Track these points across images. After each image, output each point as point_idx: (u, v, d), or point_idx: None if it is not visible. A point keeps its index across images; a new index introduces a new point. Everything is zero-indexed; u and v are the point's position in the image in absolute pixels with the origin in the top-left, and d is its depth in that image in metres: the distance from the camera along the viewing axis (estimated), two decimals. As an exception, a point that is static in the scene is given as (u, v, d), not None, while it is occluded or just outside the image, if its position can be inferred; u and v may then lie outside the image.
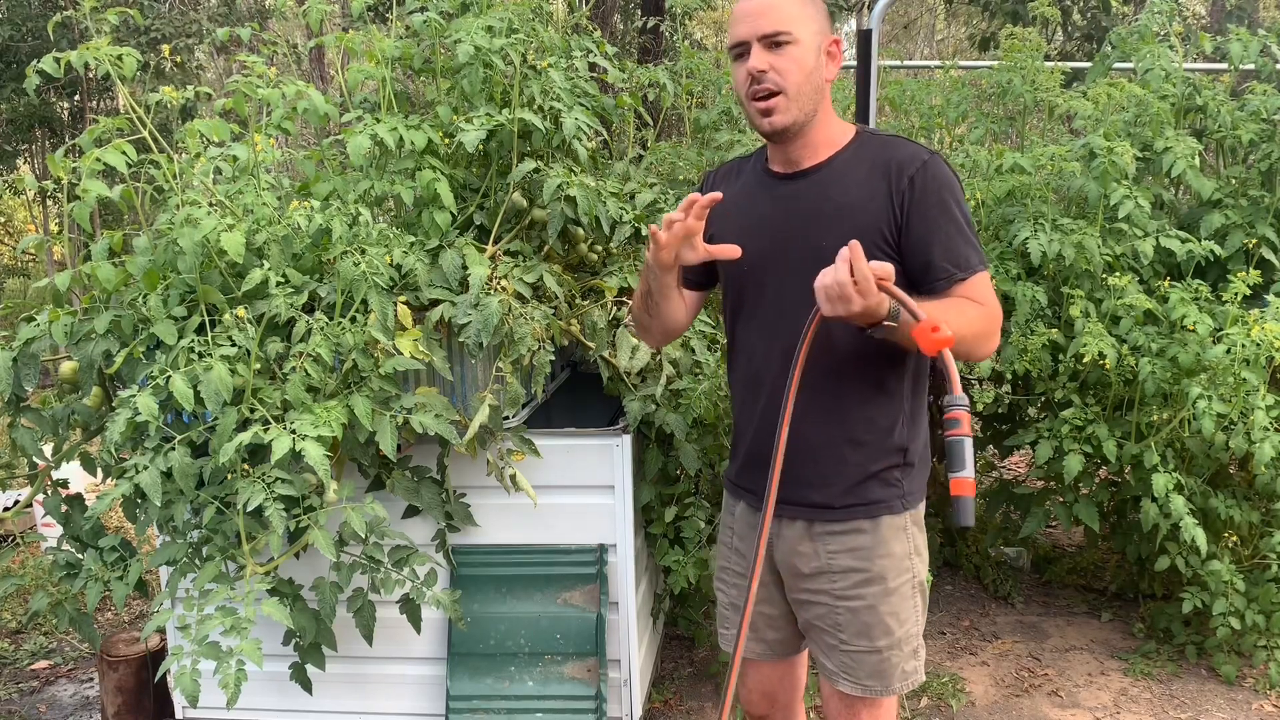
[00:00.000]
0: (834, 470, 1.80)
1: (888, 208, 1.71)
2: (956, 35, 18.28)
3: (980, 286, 1.71)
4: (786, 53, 1.70)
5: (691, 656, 3.45)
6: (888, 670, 1.82)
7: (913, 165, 1.71)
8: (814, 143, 1.79)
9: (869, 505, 1.80)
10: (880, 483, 1.80)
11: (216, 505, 2.32)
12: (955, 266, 1.70)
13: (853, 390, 1.78)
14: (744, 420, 1.93)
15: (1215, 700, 3.19)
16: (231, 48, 9.20)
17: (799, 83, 1.71)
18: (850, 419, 1.78)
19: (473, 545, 2.74)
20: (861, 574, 1.81)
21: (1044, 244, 3.18)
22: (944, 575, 4.11)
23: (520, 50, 2.67)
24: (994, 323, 1.71)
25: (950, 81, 4.37)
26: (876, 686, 1.83)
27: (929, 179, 1.70)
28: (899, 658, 1.83)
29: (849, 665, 1.84)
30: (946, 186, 1.72)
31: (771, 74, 1.70)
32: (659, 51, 8.82)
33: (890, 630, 1.81)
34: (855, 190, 1.74)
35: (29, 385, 2.49)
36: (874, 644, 1.81)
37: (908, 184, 1.70)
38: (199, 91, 2.62)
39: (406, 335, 2.44)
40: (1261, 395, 2.96)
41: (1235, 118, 3.50)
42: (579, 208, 2.63)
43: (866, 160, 1.76)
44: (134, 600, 3.96)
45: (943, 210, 1.70)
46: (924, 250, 1.71)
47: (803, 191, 1.79)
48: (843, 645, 1.84)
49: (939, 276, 1.70)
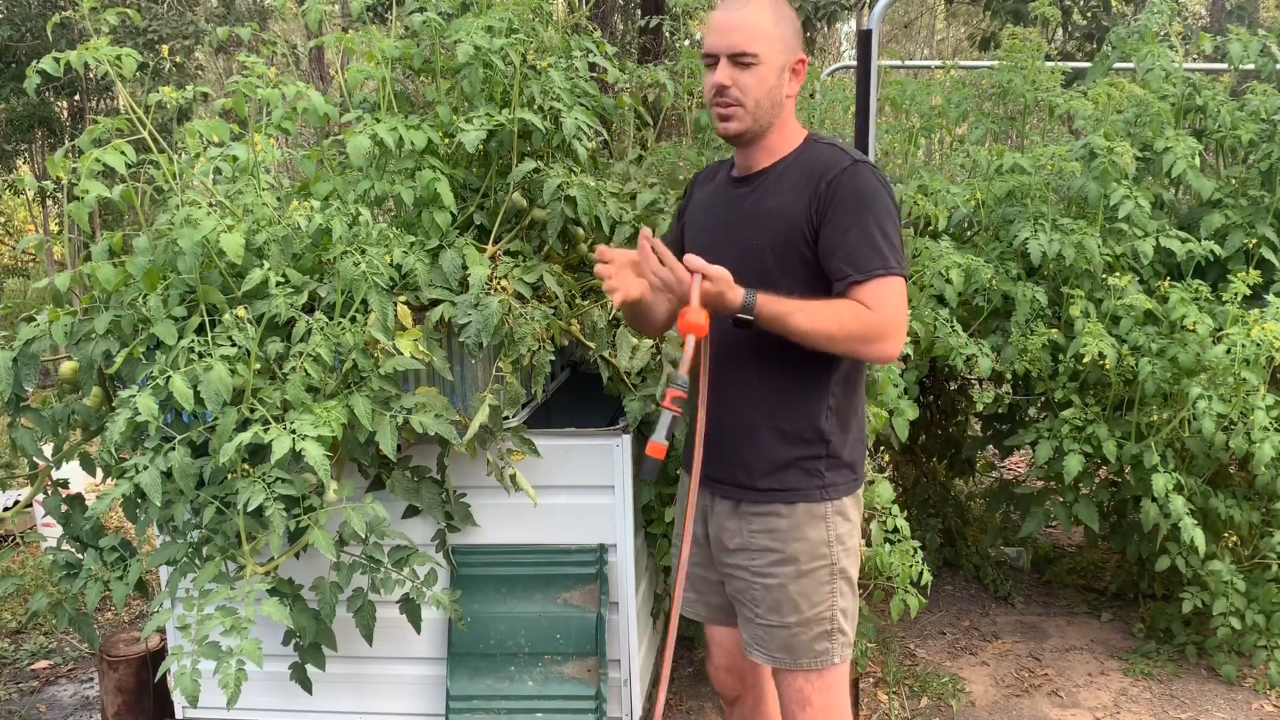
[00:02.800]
0: (758, 454, 1.93)
1: (808, 210, 1.84)
2: (956, 35, 18.28)
3: (876, 291, 1.78)
4: (751, 71, 1.83)
5: (691, 656, 3.45)
6: (795, 646, 1.95)
7: (833, 170, 1.83)
8: (768, 149, 1.93)
9: (787, 491, 1.92)
10: (800, 471, 1.92)
11: (216, 505, 2.32)
12: (852, 268, 1.79)
13: (779, 380, 1.90)
14: (690, 406, 2.06)
15: (1215, 700, 3.19)
16: (231, 48, 9.20)
17: (758, 99, 1.85)
18: (776, 407, 1.91)
19: (473, 545, 2.74)
20: (776, 554, 1.93)
21: (1044, 244, 3.18)
22: (944, 575, 4.11)
23: (520, 50, 2.67)
24: (876, 327, 1.77)
25: (950, 81, 4.37)
26: (785, 659, 1.96)
27: (844, 184, 1.81)
28: (807, 635, 1.94)
29: (761, 637, 1.98)
30: (863, 192, 1.81)
31: (733, 90, 1.84)
32: (659, 51, 8.82)
33: (799, 609, 1.93)
34: (786, 194, 1.88)
35: (29, 385, 2.49)
36: (783, 620, 1.94)
37: (825, 187, 1.82)
38: (198, 91, 2.62)
39: (406, 335, 2.44)
40: (1261, 395, 2.96)
41: (1235, 118, 3.50)
42: (579, 208, 2.63)
43: (800, 166, 1.90)
44: (134, 600, 3.96)
45: (850, 214, 1.80)
46: (829, 252, 1.82)
47: (746, 194, 1.95)
48: (757, 619, 1.97)
49: (837, 277, 1.81)
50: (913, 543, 2.84)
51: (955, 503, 4.21)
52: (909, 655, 3.51)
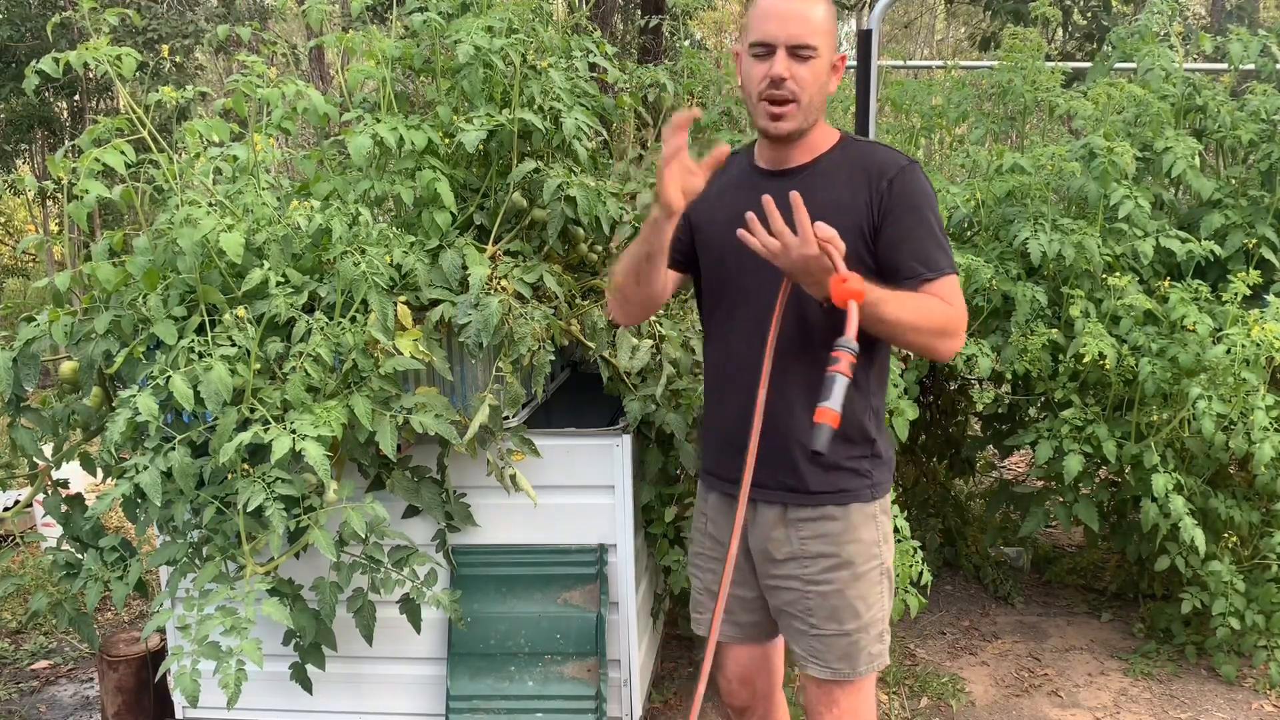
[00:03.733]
0: (807, 457, 1.86)
1: (867, 207, 1.80)
2: (956, 35, 18.28)
3: (947, 288, 1.79)
4: (808, 65, 1.76)
5: (691, 656, 3.45)
6: (855, 653, 1.90)
7: (893, 169, 1.81)
8: (806, 144, 1.87)
9: (839, 493, 1.88)
10: (851, 473, 1.89)
11: (216, 505, 2.32)
12: (923, 266, 1.78)
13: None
14: (718, 411, 2.00)
15: (1215, 700, 3.19)
16: (231, 48, 9.19)
17: (812, 95, 1.79)
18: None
19: (473, 545, 2.74)
20: (831, 559, 1.88)
21: (1044, 244, 3.18)
22: (944, 575, 4.11)
23: (520, 50, 2.67)
24: (955, 322, 1.78)
25: (950, 81, 4.37)
26: (845, 669, 1.90)
27: (906, 183, 1.80)
28: (866, 640, 1.90)
29: (818, 649, 1.91)
30: (921, 193, 1.81)
31: (790, 83, 1.76)
32: (659, 51, 8.82)
33: (858, 614, 1.88)
34: (838, 189, 1.83)
35: (29, 385, 2.49)
36: (843, 627, 1.89)
37: (886, 186, 1.79)
38: (198, 91, 2.62)
39: (406, 335, 2.44)
40: (1261, 395, 2.96)
41: (1235, 118, 3.50)
42: (579, 208, 2.63)
43: (849, 162, 1.85)
44: (134, 600, 3.96)
45: (914, 213, 1.79)
46: (895, 248, 1.79)
47: (788, 188, 1.82)
48: (812, 630, 1.91)
49: (907, 274, 1.78)
50: (913, 543, 2.84)
51: (955, 503, 4.21)
52: (909, 655, 3.51)
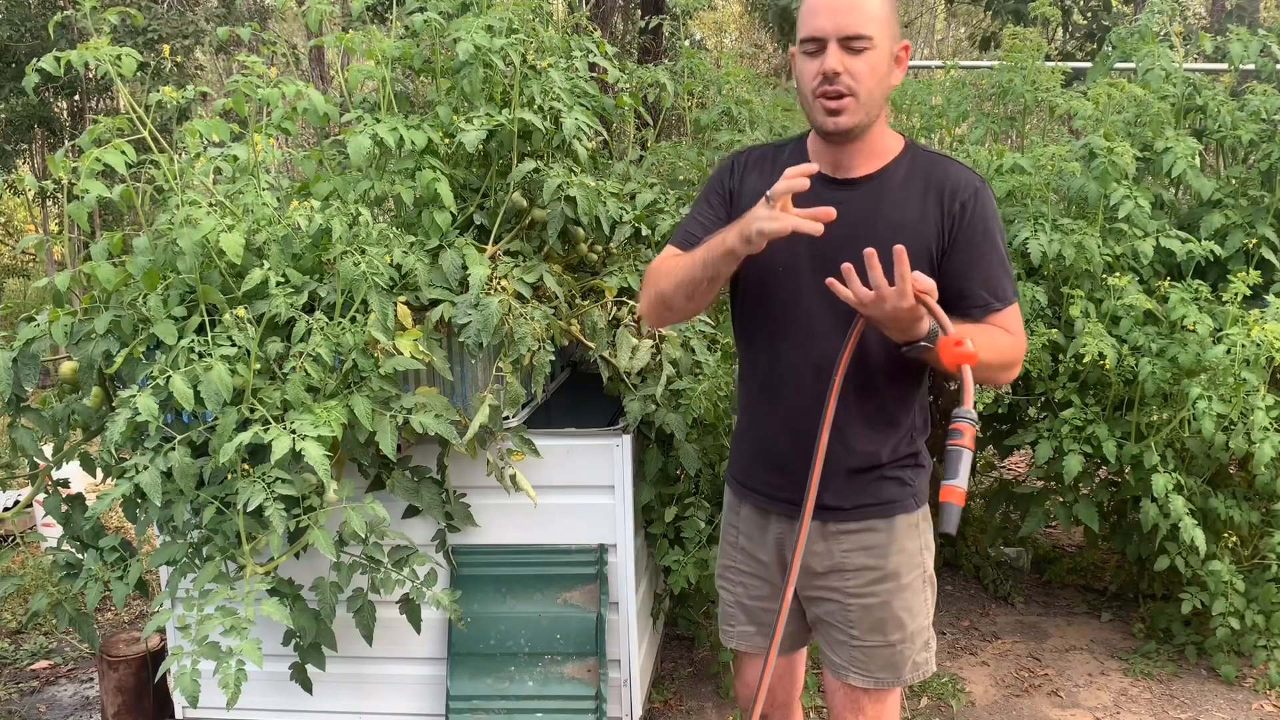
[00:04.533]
0: (851, 472, 1.81)
1: (938, 228, 1.73)
2: (956, 35, 18.28)
3: (1013, 318, 1.76)
4: (864, 57, 1.65)
5: (691, 656, 3.45)
6: (900, 662, 1.86)
7: (966, 191, 1.73)
8: (867, 149, 1.76)
9: (883, 505, 1.83)
10: (895, 483, 1.83)
11: (216, 505, 2.32)
12: (993, 296, 1.74)
13: (876, 404, 1.80)
14: (757, 423, 1.92)
15: (1215, 700, 3.19)
16: (231, 48, 9.19)
17: (870, 88, 1.67)
18: (870, 432, 1.80)
19: (473, 545, 2.73)
20: (875, 571, 1.84)
21: (1044, 244, 3.18)
22: (944, 575, 4.11)
23: (520, 50, 2.67)
24: (1020, 352, 1.77)
25: (950, 81, 4.37)
26: (889, 679, 1.86)
27: (979, 207, 1.73)
28: (911, 650, 1.86)
29: (860, 659, 1.86)
30: (994, 218, 1.75)
31: (845, 77, 1.65)
32: (659, 51, 8.83)
33: (904, 624, 1.85)
34: (908, 208, 1.74)
35: (29, 385, 2.49)
36: (888, 638, 1.85)
37: (959, 209, 1.72)
38: (198, 91, 2.62)
39: (406, 335, 2.44)
40: (1261, 395, 2.96)
41: (1235, 118, 3.50)
42: (579, 208, 2.63)
43: (920, 176, 1.76)
44: (134, 600, 3.96)
45: (988, 240, 1.74)
46: (965, 276, 1.73)
47: (853, 201, 1.74)
48: (853, 640, 1.86)
49: (976, 304, 1.73)
50: (913, 543, 2.84)
51: (955, 503, 4.20)
52: (909, 655, 3.51)
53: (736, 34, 19.56)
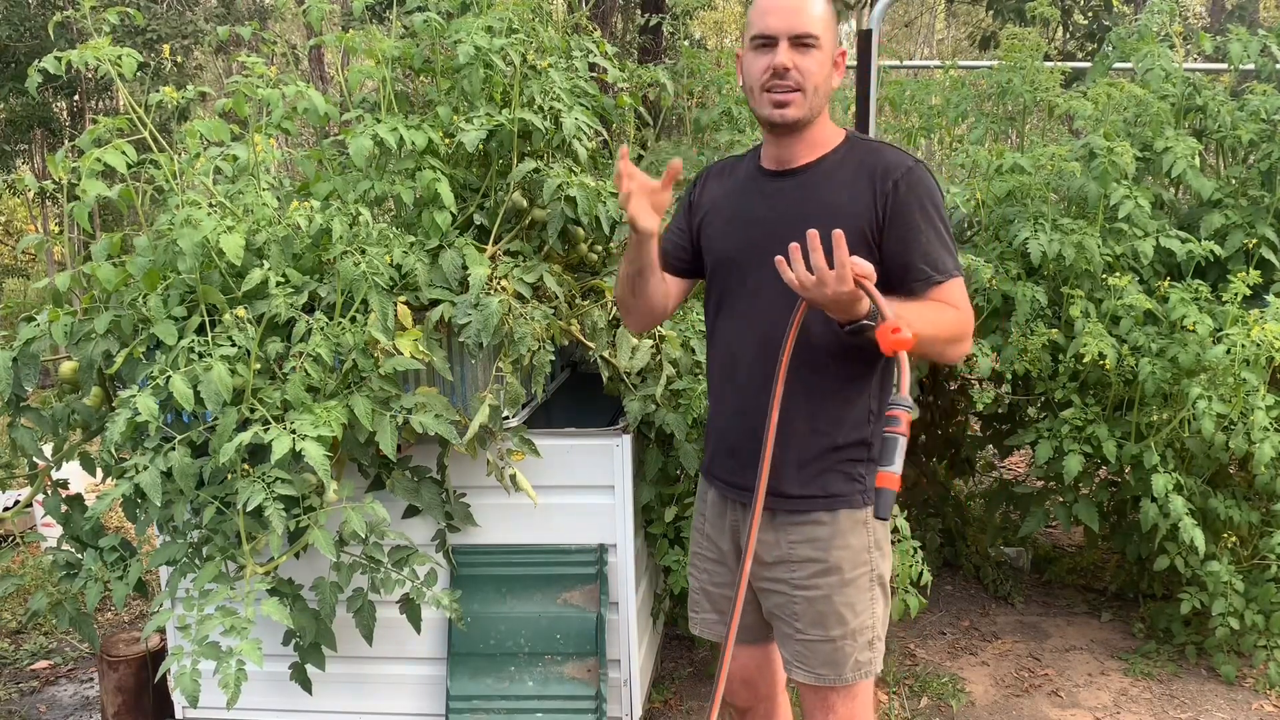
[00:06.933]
0: (799, 461, 1.86)
1: (871, 209, 1.78)
2: (956, 35, 18.28)
3: (956, 291, 1.78)
4: (811, 55, 1.77)
5: (691, 656, 3.46)
6: (840, 660, 1.88)
7: (898, 170, 1.79)
8: (809, 142, 1.86)
9: (829, 498, 1.86)
10: (842, 476, 1.86)
11: (216, 505, 2.32)
12: (933, 269, 1.77)
13: (824, 385, 1.83)
14: (718, 410, 2.00)
15: (1215, 700, 3.19)
16: (231, 48, 9.19)
17: (817, 84, 1.79)
18: (821, 412, 1.84)
19: (473, 545, 2.74)
20: (819, 564, 1.87)
21: (1044, 244, 3.18)
22: (944, 575, 4.11)
23: (520, 50, 2.67)
24: (966, 326, 1.79)
25: (950, 81, 4.37)
26: (830, 675, 1.89)
27: (913, 184, 1.78)
28: (852, 648, 1.88)
29: (803, 654, 1.90)
30: (928, 193, 1.79)
31: (794, 73, 1.77)
32: (659, 51, 8.83)
33: (844, 620, 1.87)
34: (841, 190, 1.81)
35: (29, 385, 2.49)
36: (828, 634, 1.87)
37: (891, 187, 1.77)
38: (199, 91, 2.62)
39: (406, 335, 2.44)
40: (1261, 395, 2.96)
41: (1235, 118, 3.50)
42: (579, 208, 2.63)
43: (853, 163, 1.84)
44: (134, 600, 3.96)
45: (923, 215, 1.78)
46: (904, 252, 1.77)
47: (790, 189, 1.86)
48: (798, 634, 1.90)
49: (917, 278, 1.77)
50: (912, 543, 2.84)
51: (955, 503, 4.21)
52: (909, 655, 3.51)
53: (736, 34, 19.56)
